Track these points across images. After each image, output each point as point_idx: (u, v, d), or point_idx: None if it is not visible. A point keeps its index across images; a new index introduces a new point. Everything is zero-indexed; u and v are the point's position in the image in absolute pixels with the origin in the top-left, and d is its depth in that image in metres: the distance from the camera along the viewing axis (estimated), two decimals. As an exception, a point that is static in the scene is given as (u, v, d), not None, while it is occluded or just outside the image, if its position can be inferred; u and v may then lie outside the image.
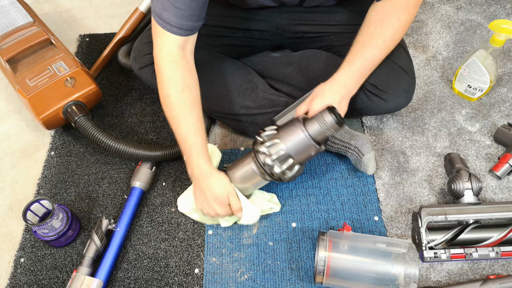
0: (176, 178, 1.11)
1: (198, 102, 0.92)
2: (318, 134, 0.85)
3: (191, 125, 0.90)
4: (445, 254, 0.92)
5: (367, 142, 1.03)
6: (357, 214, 1.03)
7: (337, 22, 1.09)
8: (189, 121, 0.90)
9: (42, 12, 1.54)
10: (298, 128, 0.85)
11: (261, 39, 1.17)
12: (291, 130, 0.86)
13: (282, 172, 0.88)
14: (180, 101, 0.90)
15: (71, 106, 1.11)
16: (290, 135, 0.86)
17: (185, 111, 0.90)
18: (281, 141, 0.86)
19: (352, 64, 0.89)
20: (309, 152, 0.87)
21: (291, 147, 0.86)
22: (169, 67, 0.89)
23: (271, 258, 0.97)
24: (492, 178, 1.07)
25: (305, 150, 0.86)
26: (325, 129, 0.85)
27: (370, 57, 0.89)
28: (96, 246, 0.95)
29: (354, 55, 0.89)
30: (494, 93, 1.22)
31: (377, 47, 0.89)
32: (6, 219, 1.07)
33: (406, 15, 0.89)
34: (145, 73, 1.08)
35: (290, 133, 0.86)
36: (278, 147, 0.86)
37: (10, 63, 1.16)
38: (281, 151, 0.86)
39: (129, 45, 1.30)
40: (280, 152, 0.86)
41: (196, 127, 0.90)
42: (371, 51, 0.89)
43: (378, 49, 0.89)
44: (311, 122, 0.86)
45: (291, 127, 0.86)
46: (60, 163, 1.15)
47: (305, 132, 0.85)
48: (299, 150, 0.86)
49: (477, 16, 1.42)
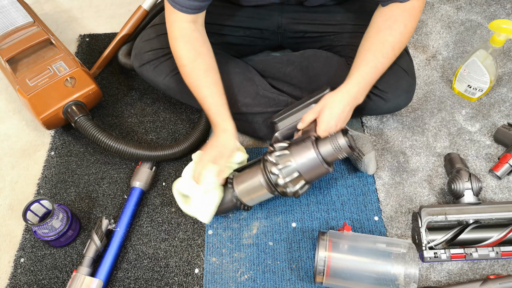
0: (176, 178, 1.10)
1: (213, 67, 0.98)
2: (329, 155, 0.86)
3: (207, 88, 0.96)
4: (445, 254, 0.92)
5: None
6: (357, 214, 1.03)
7: (338, 21, 1.09)
8: (205, 84, 0.96)
9: (42, 12, 1.54)
10: (310, 146, 0.86)
11: (261, 38, 1.17)
12: (303, 147, 0.86)
13: (285, 184, 0.87)
14: (195, 68, 0.96)
15: (71, 106, 1.11)
16: (301, 152, 0.86)
17: (200, 77, 0.96)
18: (291, 155, 0.86)
19: (364, 74, 0.90)
20: (317, 171, 0.87)
21: (301, 163, 0.86)
22: (181, 40, 0.95)
23: (271, 258, 0.97)
24: (492, 178, 1.07)
25: (314, 169, 0.87)
26: (338, 152, 0.85)
27: (381, 66, 0.90)
28: (96, 246, 0.95)
29: (366, 65, 0.90)
30: (494, 93, 1.22)
31: (387, 55, 0.90)
32: (6, 219, 1.07)
33: (412, 21, 0.90)
34: (145, 70, 1.08)
35: (302, 150, 0.86)
36: (287, 159, 0.86)
37: (10, 63, 1.16)
38: (289, 164, 0.86)
39: (129, 44, 1.30)
40: (288, 164, 0.86)
41: (212, 90, 0.96)
42: (382, 60, 0.90)
43: (387, 58, 0.90)
44: (324, 143, 0.86)
45: (303, 144, 0.87)
46: (60, 163, 1.15)
47: (317, 152, 0.85)
48: (308, 168, 0.86)
49: (477, 16, 1.42)
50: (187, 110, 1.23)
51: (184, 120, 1.22)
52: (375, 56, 0.90)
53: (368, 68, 0.90)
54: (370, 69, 0.90)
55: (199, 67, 0.96)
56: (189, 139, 1.09)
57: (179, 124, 1.21)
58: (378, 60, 0.90)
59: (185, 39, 0.95)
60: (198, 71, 0.96)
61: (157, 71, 1.07)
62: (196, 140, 1.10)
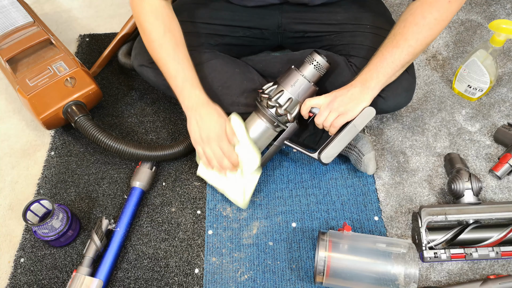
0: (176, 178, 1.11)
1: (182, 43, 0.96)
2: (312, 75, 0.96)
3: (179, 63, 0.95)
4: (445, 254, 0.92)
5: (367, 142, 1.03)
6: (357, 214, 1.03)
7: (338, 21, 1.09)
8: (176, 59, 0.94)
9: (42, 12, 1.54)
10: (294, 72, 0.96)
11: (261, 38, 1.17)
12: (288, 76, 0.96)
13: (285, 112, 0.96)
14: (165, 43, 0.94)
15: (71, 106, 1.11)
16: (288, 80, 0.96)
17: (170, 51, 0.94)
18: (281, 86, 0.96)
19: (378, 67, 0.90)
20: (308, 91, 0.96)
21: (291, 89, 0.95)
22: (151, 15, 0.94)
23: (271, 258, 0.97)
24: (492, 178, 1.07)
25: (304, 90, 0.95)
26: (318, 69, 0.95)
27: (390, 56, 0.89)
28: (96, 246, 0.95)
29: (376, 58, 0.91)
30: (494, 93, 1.22)
31: (397, 46, 0.89)
32: (6, 219, 1.07)
33: (433, 13, 0.86)
34: (145, 70, 1.08)
35: (288, 78, 0.96)
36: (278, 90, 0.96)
37: (10, 63, 1.16)
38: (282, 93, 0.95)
39: (129, 44, 1.30)
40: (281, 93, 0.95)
41: (184, 64, 0.95)
42: (392, 50, 0.89)
43: (399, 48, 0.89)
44: (304, 66, 0.96)
45: (287, 73, 0.96)
46: (60, 163, 1.15)
47: (301, 74, 0.95)
48: (299, 91, 0.95)
49: (477, 16, 1.42)
50: (187, 110, 1.23)
51: (184, 120, 1.21)
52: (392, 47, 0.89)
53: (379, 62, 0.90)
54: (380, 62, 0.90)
55: (169, 42, 0.94)
56: (189, 139, 1.09)
57: (179, 124, 1.21)
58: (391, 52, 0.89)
59: (155, 15, 0.94)
60: (168, 45, 0.94)
61: (157, 71, 1.07)
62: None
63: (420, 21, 0.87)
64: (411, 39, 0.88)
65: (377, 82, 0.91)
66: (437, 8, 0.86)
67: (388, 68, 0.90)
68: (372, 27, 1.05)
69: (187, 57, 0.96)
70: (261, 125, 0.99)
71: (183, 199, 1.07)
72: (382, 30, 1.01)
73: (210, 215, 1.04)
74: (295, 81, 0.95)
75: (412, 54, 0.90)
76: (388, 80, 0.92)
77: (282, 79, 0.96)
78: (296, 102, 0.96)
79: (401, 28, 0.89)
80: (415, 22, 0.87)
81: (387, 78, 0.92)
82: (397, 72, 0.92)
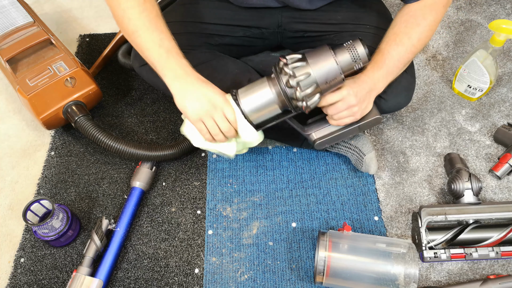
0: (176, 178, 1.11)
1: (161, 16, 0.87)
2: (346, 65, 0.82)
3: (163, 33, 0.85)
4: (445, 254, 0.92)
5: (367, 142, 1.03)
6: (357, 214, 1.03)
7: (339, 21, 1.09)
8: (160, 28, 0.85)
9: (42, 12, 1.54)
10: (329, 55, 0.81)
11: (261, 38, 1.17)
12: (321, 56, 0.81)
13: (303, 97, 0.82)
14: (145, 10, 0.85)
15: (71, 106, 1.11)
16: (319, 61, 0.81)
17: (153, 18, 0.85)
18: (309, 66, 0.81)
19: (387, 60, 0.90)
20: (334, 82, 0.83)
21: (319, 74, 0.81)
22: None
23: (271, 258, 0.97)
24: (492, 178, 1.07)
25: (332, 79, 0.82)
26: (355, 61, 0.82)
27: (396, 54, 0.90)
28: (96, 246, 0.95)
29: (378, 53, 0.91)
30: (494, 93, 1.22)
31: (402, 44, 0.90)
32: (6, 219, 1.07)
33: (433, 15, 0.91)
34: (145, 70, 1.08)
35: (320, 59, 0.81)
36: (305, 70, 0.81)
37: (10, 63, 1.16)
38: (308, 75, 0.81)
39: (129, 44, 1.30)
40: (306, 75, 0.81)
41: (168, 33, 0.86)
42: (397, 49, 0.90)
43: (404, 46, 0.90)
44: (342, 52, 0.82)
45: (320, 52, 0.82)
46: (60, 163, 1.15)
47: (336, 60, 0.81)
48: (326, 79, 0.82)
49: (477, 16, 1.42)
50: (187, 110, 1.23)
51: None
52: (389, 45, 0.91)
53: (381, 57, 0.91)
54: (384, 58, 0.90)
55: (151, 9, 0.85)
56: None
57: (179, 124, 1.21)
58: (392, 48, 0.90)
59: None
60: (149, 13, 0.85)
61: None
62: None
63: (421, 22, 0.90)
64: (414, 38, 0.91)
65: (385, 83, 0.92)
66: (436, 11, 0.91)
67: (394, 68, 0.92)
68: (373, 27, 1.05)
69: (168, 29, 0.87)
70: (268, 96, 0.85)
71: (183, 199, 1.07)
72: (382, 30, 1.01)
73: (210, 215, 1.04)
74: (326, 66, 0.81)
75: (414, 53, 0.92)
76: (392, 80, 0.93)
77: (311, 58, 0.82)
78: (318, 90, 0.83)
79: (402, 28, 0.91)
80: (417, 23, 0.90)
81: (392, 78, 0.93)
82: (400, 71, 0.94)
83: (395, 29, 0.92)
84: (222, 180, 1.10)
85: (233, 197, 1.07)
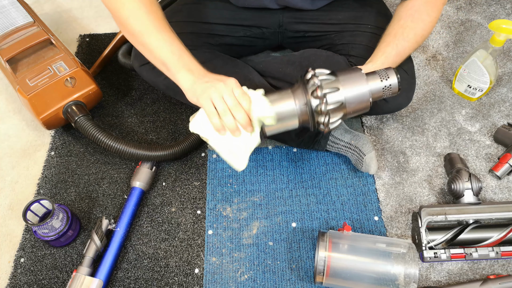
0: (176, 178, 1.11)
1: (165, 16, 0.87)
2: (376, 91, 0.80)
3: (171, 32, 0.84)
4: (445, 254, 0.92)
5: (367, 142, 1.03)
6: (357, 214, 1.03)
7: (339, 20, 1.09)
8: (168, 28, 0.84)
9: (42, 12, 1.54)
10: (361, 76, 0.79)
11: (262, 38, 1.17)
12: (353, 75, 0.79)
13: (327, 112, 0.78)
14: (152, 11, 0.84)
15: (71, 106, 1.11)
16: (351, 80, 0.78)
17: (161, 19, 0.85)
18: (339, 82, 0.78)
19: (387, 54, 0.91)
20: (361, 106, 0.80)
21: (349, 92, 0.78)
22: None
23: (271, 258, 0.97)
24: (492, 178, 1.07)
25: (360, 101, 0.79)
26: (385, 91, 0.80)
27: (402, 48, 0.91)
28: (96, 246, 0.95)
29: (387, 45, 0.91)
30: (494, 93, 1.22)
31: (408, 40, 0.91)
32: (6, 219, 1.07)
33: (435, 12, 0.92)
34: (145, 70, 1.08)
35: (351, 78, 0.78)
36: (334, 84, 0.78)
37: (10, 63, 1.16)
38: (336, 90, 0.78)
39: (129, 44, 1.30)
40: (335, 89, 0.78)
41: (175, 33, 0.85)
42: (403, 43, 0.91)
43: (409, 42, 0.91)
44: (374, 78, 0.79)
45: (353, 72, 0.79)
46: (60, 163, 1.15)
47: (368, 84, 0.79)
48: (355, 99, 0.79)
49: (477, 16, 1.42)
50: (187, 110, 1.23)
51: (184, 120, 1.22)
52: (396, 38, 0.91)
53: (390, 49, 0.91)
54: (392, 50, 0.91)
55: (156, 11, 0.84)
56: (189, 139, 1.10)
57: (179, 124, 1.21)
58: (399, 42, 0.91)
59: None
60: (156, 13, 0.84)
61: (157, 71, 1.06)
62: (196, 140, 1.10)
63: (426, 18, 0.92)
64: (418, 34, 0.92)
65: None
66: (437, 8, 0.92)
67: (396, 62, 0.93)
68: (373, 27, 1.05)
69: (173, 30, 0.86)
70: (290, 107, 0.79)
71: (183, 199, 1.07)
72: (382, 30, 1.01)
73: (210, 215, 1.04)
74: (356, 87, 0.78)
75: (413, 49, 0.94)
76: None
77: (342, 75, 0.79)
78: (344, 109, 0.79)
79: (409, 22, 0.92)
80: (422, 19, 0.92)
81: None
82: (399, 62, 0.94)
83: (401, 22, 0.92)
84: (222, 180, 1.10)
85: (233, 197, 1.07)
